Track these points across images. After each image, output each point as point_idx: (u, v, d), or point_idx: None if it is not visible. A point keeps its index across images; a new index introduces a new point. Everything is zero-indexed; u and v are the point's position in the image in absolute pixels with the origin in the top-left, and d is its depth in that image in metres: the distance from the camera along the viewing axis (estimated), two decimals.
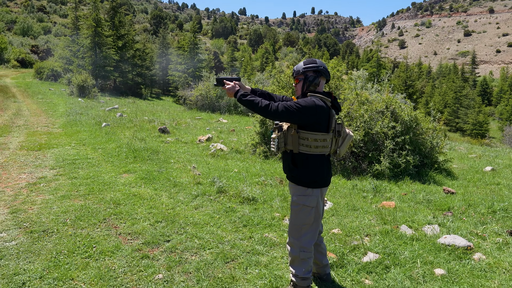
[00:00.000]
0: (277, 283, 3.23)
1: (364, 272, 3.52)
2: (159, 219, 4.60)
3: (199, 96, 21.64)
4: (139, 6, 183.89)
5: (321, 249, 3.25)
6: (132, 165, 7.18)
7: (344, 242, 4.12)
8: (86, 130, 10.78)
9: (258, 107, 2.84)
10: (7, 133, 10.29)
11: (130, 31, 36.36)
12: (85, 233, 4.20)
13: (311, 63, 3.02)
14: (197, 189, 5.74)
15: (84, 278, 3.29)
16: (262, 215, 4.83)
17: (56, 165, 7.10)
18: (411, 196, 6.01)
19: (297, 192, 2.96)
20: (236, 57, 79.46)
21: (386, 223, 4.72)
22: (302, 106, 2.81)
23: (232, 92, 3.01)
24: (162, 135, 10.99)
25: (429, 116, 8.33)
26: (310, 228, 2.94)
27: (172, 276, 3.32)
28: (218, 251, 3.80)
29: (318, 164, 2.94)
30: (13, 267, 3.45)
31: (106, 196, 5.41)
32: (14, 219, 4.56)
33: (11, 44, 51.74)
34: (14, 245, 3.88)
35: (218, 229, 4.38)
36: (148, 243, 3.96)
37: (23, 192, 5.60)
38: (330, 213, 5.08)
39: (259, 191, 5.80)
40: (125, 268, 3.46)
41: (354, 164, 7.32)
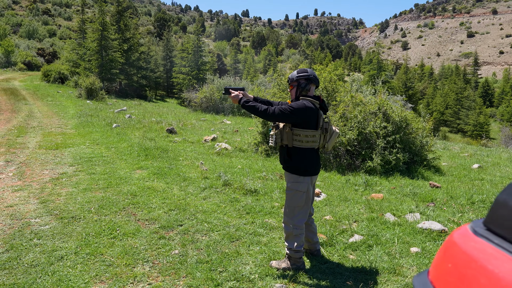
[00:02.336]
0: (274, 257, 3.84)
1: (350, 249, 4.12)
2: (172, 208, 5.22)
3: (204, 98, 22.29)
4: (142, 9, 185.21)
5: (312, 229, 3.86)
6: (144, 162, 7.80)
7: (334, 227, 4.73)
8: (98, 131, 11.43)
9: (258, 111, 3.48)
10: (24, 134, 10.94)
11: (135, 34, 37.11)
12: (108, 219, 4.81)
13: (303, 72, 3.64)
14: (204, 183, 6.37)
15: (112, 253, 3.90)
16: (263, 204, 5.45)
17: (75, 162, 7.73)
18: (399, 190, 6.61)
19: (291, 180, 3.57)
20: (239, 59, 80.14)
21: (373, 212, 5.32)
22: (294, 108, 3.44)
23: (236, 99, 3.65)
24: (170, 135, 11.63)
25: (419, 117, 8.92)
26: (302, 209, 3.55)
27: (186, 252, 3.93)
28: (224, 232, 4.42)
29: (309, 156, 3.55)
30: (51, 245, 4.06)
31: (123, 189, 6.03)
32: (45, 207, 5.19)
33: (17, 47, 52.69)
34: (48, 228, 4.51)
35: (224, 215, 5.00)
36: (164, 227, 4.57)
37: (48, 185, 6.23)
38: (323, 203, 5.69)
39: (261, 184, 6.42)
40: (145, 246, 4.07)
41: (348, 161, 7.93)
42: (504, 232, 0.92)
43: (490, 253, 0.91)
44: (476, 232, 1.00)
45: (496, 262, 0.90)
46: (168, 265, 3.66)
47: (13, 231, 4.41)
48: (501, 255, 0.89)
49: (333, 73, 9.66)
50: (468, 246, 0.97)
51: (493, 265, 0.90)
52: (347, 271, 3.64)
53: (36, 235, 4.30)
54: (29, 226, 4.56)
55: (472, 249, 0.96)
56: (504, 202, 0.94)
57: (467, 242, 0.99)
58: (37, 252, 3.87)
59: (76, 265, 3.64)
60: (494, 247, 0.92)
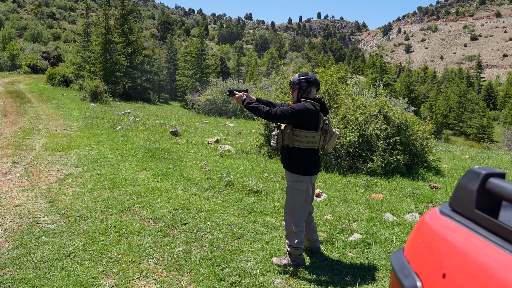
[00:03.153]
0: (275, 254, 3.96)
1: (349, 247, 4.24)
2: (176, 207, 5.35)
3: (207, 101, 22.46)
4: (146, 12, 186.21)
5: (312, 227, 3.98)
6: (149, 164, 7.94)
7: (335, 226, 4.84)
8: (103, 133, 11.60)
9: (261, 113, 3.61)
10: (30, 136, 11.12)
11: (139, 38, 37.39)
12: (114, 218, 4.94)
13: (304, 75, 3.77)
14: (208, 183, 6.50)
15: (118, 250, 4.03)
16: (265, 204, 5.58)
17: (80, 164, 7.88)
18: (399, 191, 6.72)
19: (291, 179, 3.69)
20: (242, 62, 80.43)
21: (372, 212, 5.43)
22: (296, 110, 3.57)
23: (240, 101, 3.78)
24: (174, 137, 11.78)
25: (420, 119, 9.03)
26: (302, 208, 3.68)
27: (190, 249, 4.06)
28: (227, 231, 4.54)
29: (309, 156, 3.67)
30: (59, 242, 4.20)
31: (128, 189, 6.17)
32: (52, 207, 5.33)
33: (22, 51, 53.10)
34: (56, 227, 4.64)
35: (227, 215, 5.12)
36: (168, 226, 4.70)
37: (54, 186, 6.37)
38: (324, 203, 5.80)
39: (263, 185, 6.54)
40: (150, 244, 4.20)
41: (349, 163, 8.04)
42: (463, 210, 1.07)
43: (451, 228, 1.06)
44: (442, 212, 1.15)
45: (454, 235, 1.04)
46: (173, 262, 3.78)
47: (22, 229, 4.55)
48: (459, 229, 1.04)
49: (335, 76, 9.79)
50: (435, 223, 1.12)
51: (451, 237, 1.04)
52: (346, 268, 3.76)
53: (44, 233, 4.43)
54: (38, 224, 4.70)
55: (437, 226, 1.11)
56: (463, 185, 1.08)
57: (434, 221, 1.14)
58: (45, 249, 4.01)
59: (83, 261, 3.77)
60: (454, 223, 1.07)
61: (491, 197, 1.04)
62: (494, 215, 1.01)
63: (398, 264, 1.21)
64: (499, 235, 0.96)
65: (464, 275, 0.95)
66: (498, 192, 1.00)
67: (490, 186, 1.03)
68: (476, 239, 1.00)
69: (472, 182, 1.07)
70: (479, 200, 1.05)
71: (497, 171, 1.04)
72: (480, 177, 1.05)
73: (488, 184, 1.04)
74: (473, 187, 1.06)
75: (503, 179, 1.02)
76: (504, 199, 0.99)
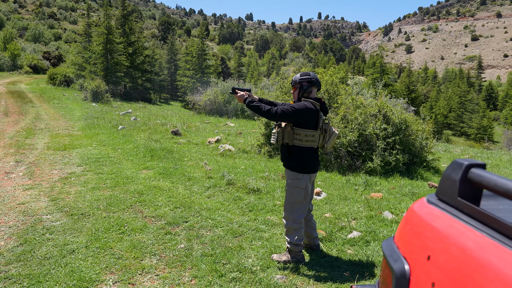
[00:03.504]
0: (275, 251, 4.03)
1: (348, 245, 4.30)
2: (177, 206, 5.42)
3: (208, 101, 22.53)
4: (147, 12, 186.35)
5: (312, 224, 4.04)
6: (150, 163, 8.02)
7: (334, 223, 4.91)
8: (105, 133, 11.67)
9: (262, 111, 3.68)
10: (32, 135, 11.19)
11: (140, 38, 37.48)
12: (116, 216, 5.01)
13: (305, 75, 3.84)
14: (209, 182, 6.57)
15: (121, 247, 4.10)
16: (265, 202, 5.64)
17: (82, 163, 7.95)
18: (398, 190, 6.78)
19: (290, 176, 3.76)
20: (242, 62, 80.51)
21: (371, 210, 5.50)
22: (296, 109, 3.63)
23: (242, 99, 3.86)
24: (175, 137, 11.85)
25: (420, 119, 9.09)
26: (301, 205, 3.74)
27: (191, 246, 4.13)
28: (228, 228, 4.61)
29: (308, 154, 3.74)
30: (62, 239, 4.27)
31: (130, 188, 6.24)
32: (55, 205, 5.40)
33: (23, 51, 53.17)
34: (60, 224, 4.71)
35: (228, 213, 5.19)
36: (170, 223, 4.77)
37: (57, 184, 6.44)
38: (324, 201, 5.87)
39: (263, 184, 6.61)
40: (152, 241, 4.27)
41: (349, 162, 8.11)
42: (448, 198, 1.15)
43: (436, 215, 1.14)
44: (429, 201, 1.24)
45: (439, 220, 1.13)
46: (175, 258, 3.85)
47: (26, 226, 4.62)
48: (443, 215, 1.12)
49: (335, 76, 9.85)
50: (422, 211, 1.21)
51: (436, 222, 1.12)
52: (345, 264, 3.82)
53: (48, 230, 4.51)
54: (41, 222, 4.77)
55: (424, 213, 1.19)
56: (448, 175, 1.16)
57: (422, 209, 1.22)
58: (49, 246, 4.08)
59: (87, 257, 3.84)
60: (440, 210, 1.16)
61: (473, 186, 1.12)
62: (475, 203, 1.08)
63: (388, 249, 1.29)
64: (479, 220, 1.04)
65: (446, 256, 1.04)
66: (479, 181, 1.08)
67: (471, 175, 1.11)
68: (458, 224, 1.08)
69: (455, 172, 1.15)
70: (461, 189, 1.13)
71: (478, 162, 1.12)
72: (463, 167, 1.13)
73: (470, 174, 1.12)
74: (456, 177, 1.14)
75: (484, 169, 1.10)
76: (484, 188, 1.07)
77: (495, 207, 1.17)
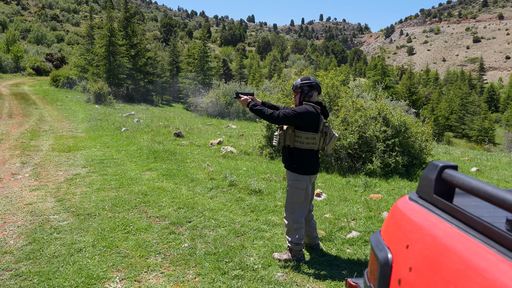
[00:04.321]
0: (277, 250, 4.15)
1: (347, 244, 4.43)
2: (181, 206, 5.55)
3: (210, 103, 22.70)
4: (149, 14, 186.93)
5: (312, 224, 4.17)
6: (153, 164, 8.15)
7: (334, 224, 5.03)
8: (108, 135, 11.83)
9: (265, 115, 3.82)
10: (36, 137, 11.35)
11: (142, 40, 37.70)
12: (122, 216, 5.15)
13: (306, 80, 3.97)
14: (211, 183, 6.70)
15: (126, 246, 4.23)
16: (266, 203, 5.78)
17: (87, 164, 8.09)
18: (397, 191, 6.90)
19: (291, 178, 3.89)
20: (244, 64, 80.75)
21: (371, 211, 5.62)
22: (297, 112, 3.77)
23: (245, 103, 4.00)
24: (177, 139, 12.00)
25: (419, 121, 9.21)
26: (301, 205, 3.87)
27: (195, 245, 4.26)
28: (230, 228, 4.74)
29: (309, 156, 3.87)
30: (70, 238, 4.40)
31: (134, 189, 6.37)
32: (62, 205, 5.54)
33: (26, 53, 53.49)
34: (67, 224, 4.85)
35: (230, 213, 5.32)
36: (174, 223, 4.90)
37: (63, 185, 6.58)
38: (324, 202, 6.00)
39: (265, 185, 6.74)
40: (157, 240, 4.40)
41: (349, 164, 8.23)
42: (425, 196, 1.30)
43: (415, 210, 1.29)
44: (410, 198, 1.40)
45: (417, 215, 1.28)
46: (179, 257, 3.98)
47: (34, 226, 4.75)
48: (421, 210, 1.28)
49: (335, 79, 9.98)
50: (404, 207, 1.36)
51: (414, 216, 1.28)
52: (344, 263, 3.95)
53: (55, 229, 4.64)
54: (49, 222, 4.91)
55: (405, 209, 1.35)
56: (425, 175, 1.32)
57: (404, 205, 1.38)
58: (57, 245, 4.21)
59: (94, 256, 3.97)
60: (418, 206, 1.31)
61: (446, 185, 1.27)
62: (448, 199, 1.23)
63: (375, 241, 1.45)
64: (450, 214, 1.19)
65: (421, 245, 1.20)
66: (451, 181, 1.24)
67: (445, 175, 1.27)
68: (432, 217, 1.24)
69: (431, 173, 1.32)
70: (436, 187, 1.29)
71: (451, 164, 1.28)
72: (438, 168, 1.30)
73: (444, 174, 1.28)
74: (432, 176, 1.30)
75: (456, 170, 1.24)
76: (455, 186, 1.22)
77: (468, 204, 1.33)
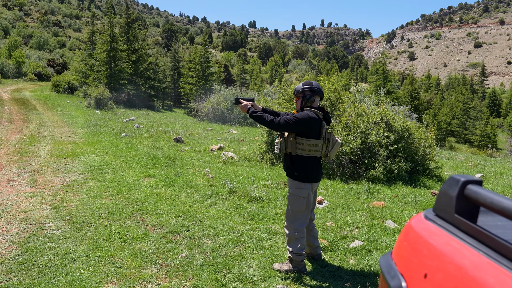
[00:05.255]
0: (277, 260, 4.01)
1: (350, 254, 4.28)
2: (179, 214, 5.41)
3: (210, 108, 22.60)
4: (151, 20, 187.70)
5: (313, 234, 4.03)
6: (152, 170, 8.02)
7: (336, 232, 4.88)
8: (107, 140, 11.71)
9: (265, 121, 3.68)
10: (35, 143, 11.24)
11: (143, 45, 37.71)
12: (118, 224, 5.01)
13: (308, 84, 3.84)
14: (210, 190, 6.56)
15: (122, 256, 4.09)
16: (267, 211, 5.63)
17: (85, 170, 7.97)
18: (401, 198, 6.75)
19: (293, 186, 3.75)
20: (246, 69, 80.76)
21: (374, 219, 5.47)
22: (299, 118, 3.63)
23: (245, 109, 3.86)
24: (177, 144, 11.87)
25: (422, 127, 9.07)
26: (303, 214, 3.73)
27: (192, 255, 4.11)
28: (229, 237, 4.60)
29: (311, 164, 3.73)
30: (64, 248, 4.26)
31: (132, 196, 6.24)
32: (57, 213, 5.41)
33: (28, 58, 53.58)
34: (61, 233, 4.71)
35: (229, 221, 5.18)
36: (171, 232, 4.76)
37: (59, 192, 6.46)
38: (326, 210, 5.85)
39: (265, 192, 6.60)
40: (153, 250, 4.26)
41: (352, 170, 8.09)
42: (445, 215, 1.14)
43: (433, 231, 1.13)
44: (426, 217, 1.23)
45: (435, 237, 1.12)
46: (176, 267, 3.84)
47: (28, 234, 4.62)
48: (440, 232, 1.12)
49: (337, 84, 9.86)
50: (419, 227, 1.20)
51: (433, 239, 1.12)
52: (347, 274, 3.80)
53: (49, 238, 4.50)
54: (43, 230, 4.77)
55: (421, 230, 1.19)
56: (445, 191, 1.16)
57: (419, 225, 1.21)
58: (51, 255, 4.07)
59: (88, 266, 3.83)
60: (436, 227, 1.15)
61: (469, 202, 1.11)
62: (472, 220, 1.08)
63: (386, 266, 1.29)
64: (476, 237, 1.03)
65: (442, 275, 1.03)
66: (475, 198, 1.07)
67: (468, 192, 1.11)
68: (455, 241, 1.07)
69: (452, 189, 1.15)
70: (458, 205, 1.12)
71: (475, 179, 1.12)
72: (459, 184, 1.13)
73: (467, 191, 1.11)
74: (453, 193, 1.14)
75: (480, 186, 1.09)
76: (481, 205, 1.06)
77: (493, 224, 1.16)
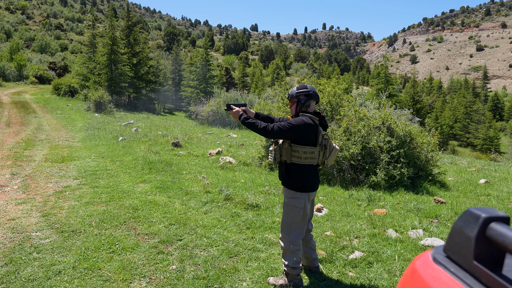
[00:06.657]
0: (272, 273, 3.80)
1: (350, 266, 4.07)
2: (172, 222, 5.21)
3: (210, 112, 22.42)
4: (153, 23, 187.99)
5: (311, 245, 3.81)
6: (148, 176, 7.83)
7: (335, 243, 4.67)
8: (104, 144, 11.52)
9: (258, 128, 3.47)
10: (31, 147, 11.07)
11: (144, 49, 37.58)
12: (108, 233, 4.82)
13: (303, 88, 3.64)
14: (206, 197, 6.36)
15: (110, 268, 3.89)
16: (263, 219, 5.42)
17: (79, 176, 7.78)
18: (403, 205, 6.53)
19: (288, 195, 3.55)
20: (247, 72, 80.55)
21: (375, 228, 5.26)
22: (293, 125, 3.43)
23: (237, 116, 3.65)
24: (175, 148, 11.68)
25: (425, 131, 8.86)
26: (298, 225, 3.52)
27: (183, 267, 3.91)
28: (223, 248, 4.39)
29: (307, 172, 3.53)
30: (50, 259, 4.07)
31: (125, 203, 6.04)
32: (46, 221, 5.21)
33: (30, 61, 53.59)
34: (49, 242, 4.52)
35: (224, 230, 4.97)
36: (163, 242, 4.56)
37: (51, 199, 6.27)
38: (325, 218, 5.64)
39: (263, 199, 6.39)
40: (143, 261, 4.06)
41: (352, 176, 7.87)
42: (459, 259, 0.90)
43: (445, 281, 0.89)
44: (435, 259, 0.98)
45: None
46: (165, 281, 3.64)
47: (14, 244, 4.43)
48: (454, 283, 0.87)
49: (337, 87, 9.67)
50: (426, 274, 0.96)
51: None
52: None
53: (35, 249, 4.31)
54: (30, 239, 4.58)
55: (429, 277, 0.94)
56: (460, 229, 0.91)
57: (426, 270, 0.97)
58: (35, 266, 3.88)
59: (73, 280, 3.64)
60: (449, 275, 0.90)
61: (493, 246, 0.86)
62: (496, 269, 0.84)
63: None
64: None
65: None
66: (501, 242, 0.82)
67: (491, 233, 0.86)
68: None
69: (470, 227, 0.90)
70: (478, 250, 0.87)
71: (500, 215, 0.87)
72: (480, 221, 0.88)
73: (489, 231, 0.86)
74: (471, 233, 0.89)
75: (507, 225, 0.86)
76: (509, 251, 0.82)
77: None
